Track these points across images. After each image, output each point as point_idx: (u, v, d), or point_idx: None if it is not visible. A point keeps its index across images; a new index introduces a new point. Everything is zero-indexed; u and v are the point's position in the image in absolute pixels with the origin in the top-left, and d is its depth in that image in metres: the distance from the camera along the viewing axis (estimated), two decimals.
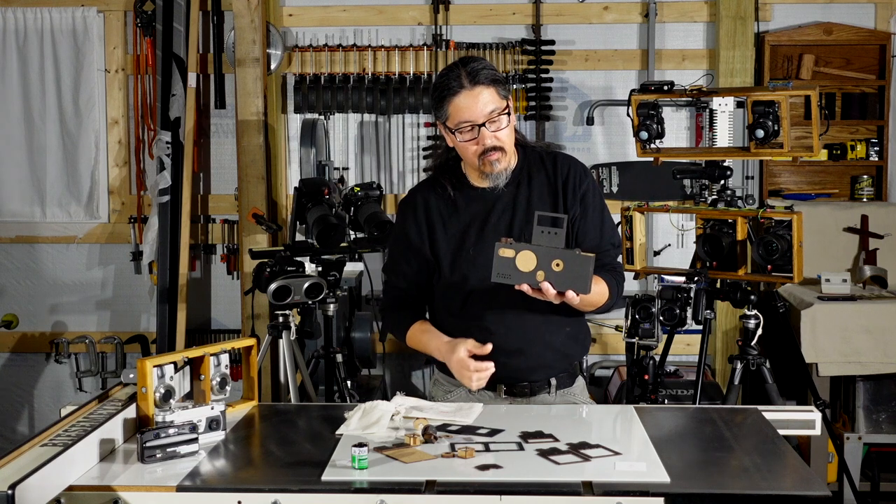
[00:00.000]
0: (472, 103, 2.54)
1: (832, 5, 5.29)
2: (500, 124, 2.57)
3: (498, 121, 2.57)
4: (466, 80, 2.55)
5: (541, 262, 2.33)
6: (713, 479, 2.12)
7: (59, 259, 5.55)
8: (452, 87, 2.56)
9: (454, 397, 2.74)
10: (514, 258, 2.33)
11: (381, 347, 4.97)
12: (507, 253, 2.34)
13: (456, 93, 2.55)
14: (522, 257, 2.33)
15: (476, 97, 2.54)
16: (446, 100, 2.57)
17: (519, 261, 2.33)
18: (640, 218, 3.87)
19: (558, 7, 5.32)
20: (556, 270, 2.33)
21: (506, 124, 2.59)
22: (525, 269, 2.34)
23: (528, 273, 2.34)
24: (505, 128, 2.58)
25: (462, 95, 2.55)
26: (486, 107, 2.55)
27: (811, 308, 4.39)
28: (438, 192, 2.72)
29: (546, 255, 2.33)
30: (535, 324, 2.64)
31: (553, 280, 2.33)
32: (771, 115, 3.58)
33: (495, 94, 2.57)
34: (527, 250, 2.33)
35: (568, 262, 2.32)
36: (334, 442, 2.26)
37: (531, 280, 2.33)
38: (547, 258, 2.33)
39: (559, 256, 2.33)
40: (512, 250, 2.34)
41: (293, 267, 3.79)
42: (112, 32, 5.43)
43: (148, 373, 2.27)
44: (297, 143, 5.19)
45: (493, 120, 2.56)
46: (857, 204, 5.18)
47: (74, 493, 2.01)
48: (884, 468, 4.64)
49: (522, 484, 2.00)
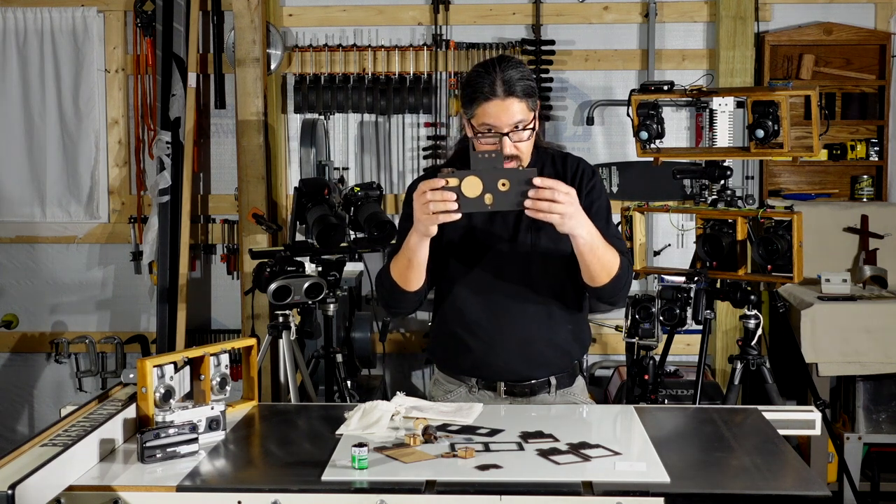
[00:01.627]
0: (501, 113, 2.52)
1: (832, 5, 5.30)
2: (522, 136, 2.55)
3: (521, 132, 2.55)
4: (501, 88, 2.52)
5: (487, 186, 2.30)
6: (713, 479, 2.12)
7: (59, 259, 5.55)
8: (485, 91, 2.52)
9: (454, 397, 2.74)
10: (460, 186, 2.31)
11: (381, 347, 4.97)
12: (452, 182, 2.31)
13: (488, 99, 2.52)
14: (467, 183, 2.29)
15: (506, 108, 2.52)
16: (476, 101, 2.54)
17: (465, 187, 2.29)
18: (640, 218, 3.87)
19: (558, 7, 5.32)
20: (503, 190, 2.30)
21: (528, 137, 2.57)
22: (472, 194, 2.30)
23: (476, 198, 2.30)
24: (526, 140, 2.57)
25: (493, 103, 2.52)
26: (514, 118, 2.53)
27: (811, 308, 4.39)
28: None
29: (490, 177, 2.30)
30: (537, 319, 2.64)
31: (502, 200, 2.31)
32: (771, 115, 3.58)
33: (525, 107, 2.54)
34: (471, 175, 2.30)
35: (513, 180, 2.30)
36: (334, 442, 2.26)
37: (480, 205, 2.31)
38: (492, 180, 2.30)
39: (503, 176, 2.30)
40: (456, 178, 2.30)
41: (293, 267, 3.79)
42: (112, 32, 5.43)
43: (148, 373, 2.27)
44: (297, 143, 5.19)
45: (516, 132, 2.54)
46: (857, 204, 5.18)
47: (74, 493, 2.00)
48: (884, 468, 4.64)
49: (522, 484, 2.00)
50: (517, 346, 2.65)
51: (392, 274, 2.61)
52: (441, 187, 2.32)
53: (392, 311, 2.78)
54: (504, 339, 2.63)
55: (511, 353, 2.65)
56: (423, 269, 2.56)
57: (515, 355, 2.65)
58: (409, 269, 2.56)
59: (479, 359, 2.67)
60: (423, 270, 2.56)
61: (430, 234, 2.44)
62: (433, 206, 2.33)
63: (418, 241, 2.48)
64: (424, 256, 2.52)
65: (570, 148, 5.14)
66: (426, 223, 2.39)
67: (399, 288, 2.61)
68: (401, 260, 2.56)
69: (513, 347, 2.65)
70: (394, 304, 2.70)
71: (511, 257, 2.65)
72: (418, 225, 2.42)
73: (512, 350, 2.64)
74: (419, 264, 2.54)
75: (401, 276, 2.58)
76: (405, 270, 2.56)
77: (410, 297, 2.63)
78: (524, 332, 2.65)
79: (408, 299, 2.65)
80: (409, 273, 2.56)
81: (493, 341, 2.65)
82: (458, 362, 2.73)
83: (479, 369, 2.69)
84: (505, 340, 2.63)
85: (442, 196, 2.32)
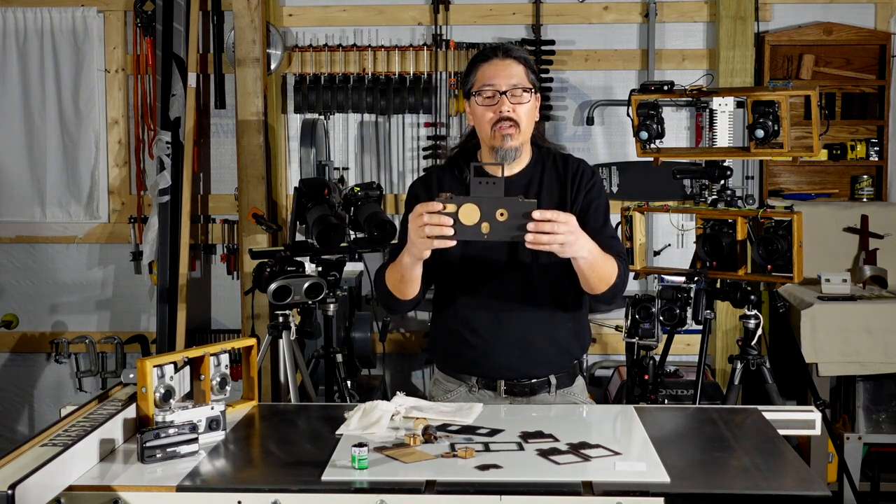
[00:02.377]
0: (500, 71, 2.61)
1: (832, 5, 5.29)
2: (521, 99, 2.61)
3: (520, 96, 2.61)
4: (500, 51, 2.64)
5: (484, 214, 2.24)
6: (713, 479, 2.12)
7: (59, 259, 5.55)
8: (486, 55, 2.65)
9: (454, 397, 2.74)
10: (457, 213, 2.25)
11: (381, 347, 4.97)
12: (450, 208, 2.25)
13: (487, 59, 2.64)
14: (465, 210, 2.24)
15: (505, 67, 2.62)
16: (476, 66, 2.65)
17: (462, 214, 2.24)
18: (640, 218, 3.88)
19: (558, 7, 5.32)
20: (501, 220, 2.24)
21: (527, 100, 2.62)
22: (469, 222, 2.24)
23: (473, 226, 2.25)
24: (525, 104, 2.62)
25: (492, 63, 2.63)
26: (512, 78, 2.61)
27: (811, 308, 4.39)
28: (454, 174, 2.75)
29: (489, 205, 2.24)
30: (538, 317, 2.66)
31: (499, 230, 2.25)
32: (771, 115, 3.58)
33: (524, 73, 2.63)
34: (469, 203, 2.24)
35: (511, 211, 2.24)
36: (334, 442, 2.26)
37: (477, 234, 2.26)
38: (490, 209, 2.24)
39: (502, 206, 2.24)
40: (454, 204, 2.24)
41: (293, 267, 3.79)
42: (112, 32, 5.43)
43: (148, 373, 2.27)
44: (297, 143, 5.19)
45: (515, 93, 2.60)
46: (857, 204, 5.18)
47: (74, 493, 2.00)
48: (884, 468, 4.64)
49: (522, 484, 2.00)
50: (517, 344, 2.66)
51: (387, 282, 2.64)
52: (438, 211, 2.28)
53: (390, 311, 2.83)
54: (504, 337, 2.65)
55: (511, 351, 2.66)
56: (417, 284, 2.59)
57: (515, 353, 2.66)
58: (401, 283, 2.59)
59: (479, 356, 2.68)
60: (417, 284, 2.59)
61: (423, 257, 2.44)
62: (429, 231, 2.29)
63: (411, 263, 2.48)
64: (418, 274, 2.54)
65: (570, 148, 5.20)
66: (420, 247, 2.37)
67: (394, 296, 2.64)
68: (394, 273, 2.59)
69: (513, 345, 2.66)
70: (391, 306, 2.74)
71: (509, 258, 2.65)
72: (411, 248, 2.42)
73: (512, 347, 2.66)
74: (412, 280, 2.56)
75: (395, 288, 2.62)
76: (398, 284, 2.60)
77: (406, 303, 2.68)
78: (524, 329, 2.66)
79: (404, 305, 2.69)
80: (402, 286, 2.60)
81: (493, 339, 2.66)
82: (458, 360, 2.73)
83: (479, 367, 2.70)
84: (505, 338, 2.65)
85: (439, 220, 2.27)
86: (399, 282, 2.58)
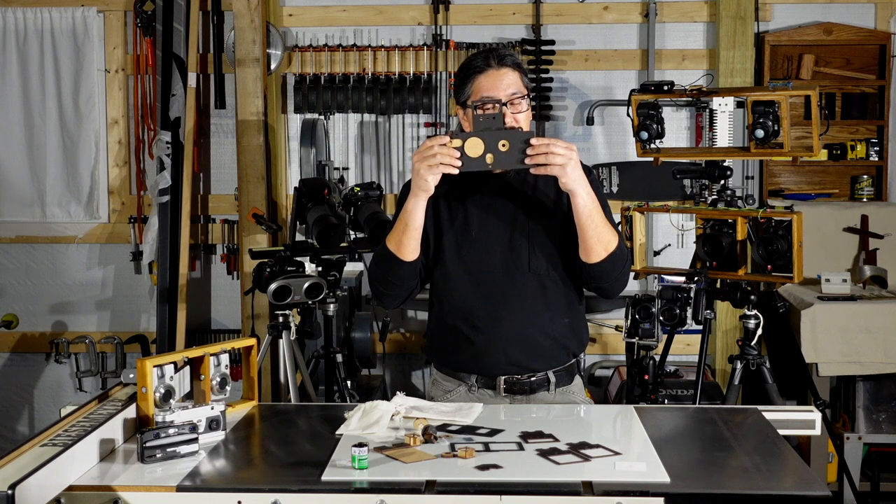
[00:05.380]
0: (497, 82, 2.61)
1: (832, 5, 5.30)
2: (520, 107, 2.62)
3: (519, 104, 2.62)
4: (493, 60, 2.63)
5: (488, 146, 2.45)
6: (713, 479, 2.12)
7: (59, 259, 5.55)
8: (478, 65, 2.64)
9: (454, 397, 2.74)
10: (463, 146, 2.45)
11: (381, 347, 4.97)
12: (456, 143, 2.45)
13: (482, 70, 2.62)
14: (470, 144, 2.45)
15: (501, 77, 2.61)
16: (470, 78, 2.64)
17: (468, 148, 2.45)
18: (640, 218, 3.88)
19: (558, 7, 5.33)
20: (504, 151, 2.46)
21: (525, 108, 2.63)
22: (474, 154, 2.46)
23: (478, 158, 2.46)
24: (524, 112, 2.63)
25: (487, 74, 2.62)
26: (510, 88, 2.61)
27: (811, 308, 4.39)
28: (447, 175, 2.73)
29: (491, 138, 2.46)
30: (534, 311, 2.66)
31: (502, 160, 2.46)
32: (771, 115, 3.58)
33: (519, 79, 2.64)
34: (474, 137, 2.46)
35: (512, 141, 2.45)
36: (334, 442, 2.26)
37: (482, 164, 2.46)
38: (493, 141, 2.45)
39: (503, 137, 2.46)
40: (459, 140, 2.46)
41: (293, 267, 3.79)
42: (112, 32, 5.43)
43: (148, 373, 2.27)
44: (297, 143, 5.20)
45: (514, 102, 2.60)
46: (857, 204, 5.18)
47: (74, 493, 2.00)
48: (884, 468, 4.64)
49: (522, 484, 2.00)
50: (516, 338, 2.66)
51: (389, 245, 2.63)
52: (445, 143, 2.45)
53: (386, 294, 2.74)
54: (502, 330, 2.64)
55: (509, 344, 2.65)
56: (418, 236, 2.59)
57: (514, 346, 2.66)
58: (405, 235, 2.58)
59: (478, 351, 2.68)
60: (418, 237, 2.60)
61: (428, 189, 2.50)
62: (438, 159, 2.43)
63: (415, 203, 2.54)
64: (421, 220, 2.57)
65: None
66: (426, 174, 2.46)
67: (396, 259, 2.61)
68: (398, 227, 2.60)
69: (511, 338, 2.65)
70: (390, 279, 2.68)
71: (507, 251, 2.66)
72: (417, 180, 2.49)
73: (510, 341, 2.65)
74: (416, 228, 2.57)
75: (398, 245, 2.60)
76: (402, 237, 2.59)
77: (406, 269, 2.63)
78: (522, 323, 2.66)
79: (403, 273, 2.64)
80: (405, 239, 2.59)
81: (492, 333, 2.66)
82: (457, 357, 2.73)
83: (477, 362, 2.70)
84: (503, 331, 2.65)
85: (448, 151, 2.44)
86: (403, 234, 2.58)
